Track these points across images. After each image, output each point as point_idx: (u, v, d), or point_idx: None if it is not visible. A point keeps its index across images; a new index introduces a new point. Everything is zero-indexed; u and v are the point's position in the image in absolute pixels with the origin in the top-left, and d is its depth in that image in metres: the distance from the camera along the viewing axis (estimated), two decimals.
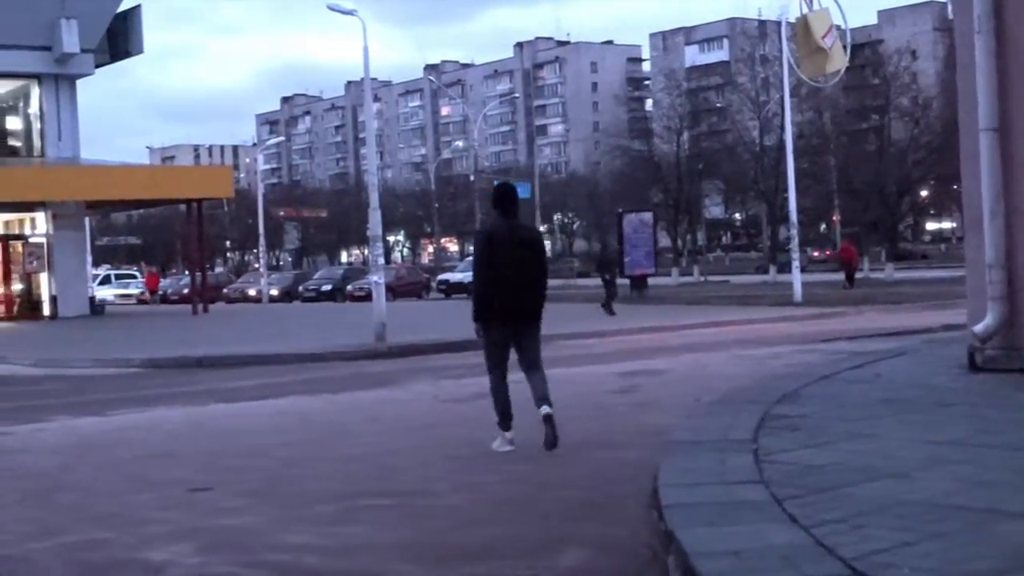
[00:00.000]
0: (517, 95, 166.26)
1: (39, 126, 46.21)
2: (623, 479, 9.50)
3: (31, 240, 45.51)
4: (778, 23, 45.71)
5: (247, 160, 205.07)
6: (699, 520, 6.18)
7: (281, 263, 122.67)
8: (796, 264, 39.45)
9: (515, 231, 10.82)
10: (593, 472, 10.01)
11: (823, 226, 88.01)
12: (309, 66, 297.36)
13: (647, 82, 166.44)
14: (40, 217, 45.54)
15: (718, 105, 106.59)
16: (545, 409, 10.77)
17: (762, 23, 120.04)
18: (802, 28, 36.38)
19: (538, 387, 10.98)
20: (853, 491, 6.81)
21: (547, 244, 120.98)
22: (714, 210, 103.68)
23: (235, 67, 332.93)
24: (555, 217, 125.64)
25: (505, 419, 11.06)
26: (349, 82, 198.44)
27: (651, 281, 46.64)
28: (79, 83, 46.79)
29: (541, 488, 9.43)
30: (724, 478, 7.25)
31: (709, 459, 7.88)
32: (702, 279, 66.60)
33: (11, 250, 44.94)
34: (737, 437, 8.79)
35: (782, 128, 47.02)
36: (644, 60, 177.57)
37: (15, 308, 44.74)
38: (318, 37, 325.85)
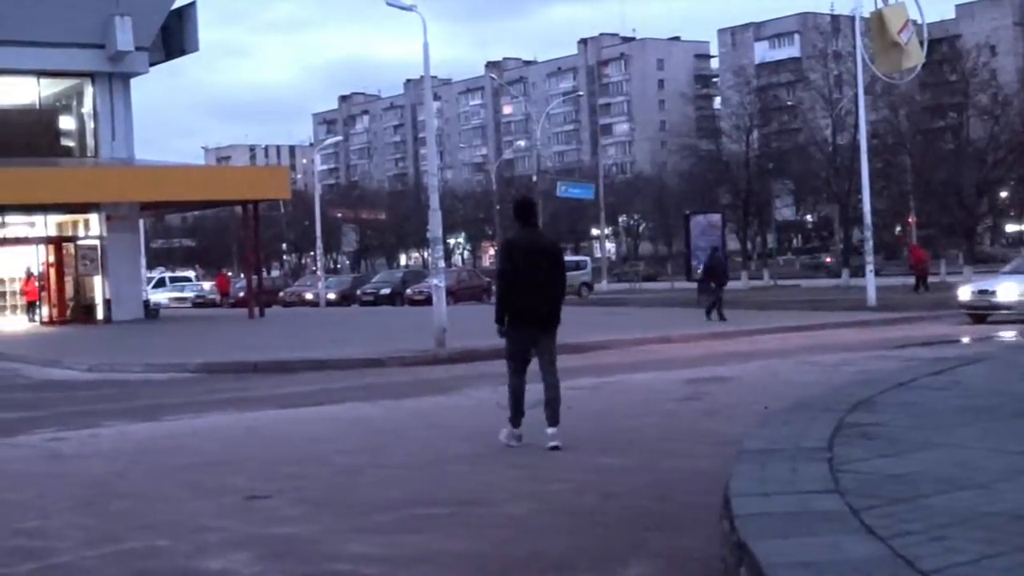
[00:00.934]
0: (581, 93, 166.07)
1: (93, 126, 46.66)
2: (692, 489, 9.47)
3: (84, 242, 45.94)
4: (852, 18, 45.40)
5: (304, 160, 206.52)
6: (773, 531, 6.14)
7: (339, 266, 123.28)
8: (870, 268, 39.17)
9: (535, 241, 11.91)
10: (660, 481, 9.98)
11: (897, 228, 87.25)
12: (367, 64, 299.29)
13: (715, 79, 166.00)
14: (94, 219, 45.96)
15: (789, 103, 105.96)
16: (551, 434, 11.78)
17: (835, 18, 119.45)
18: (877, 23, 36.14)
19: (550, 394, 11.95)
20: (932, 502, 6.73)
21: (611, 247, 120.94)
22: (784, 211, 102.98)
23: (290, 65, 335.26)
24: (620, 219, 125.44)
25: (517, 416, 12.04)
26: (408, 80, 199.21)
27: None
28: (133, 82, 47.24)
29: (606, 498, 9.41)
30: (798, 488, 7.19)
31: (782, 468, 7.82)
32: (772, 283, 66.24)
33: (64, 252, 45.39)
34: (811, 445, 8.72)
35: (856, 127, 46.65)
36: (712, 57, 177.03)
37: (68, 311, 45.20)
38: (376, 34, 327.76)
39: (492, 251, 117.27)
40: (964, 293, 31.43)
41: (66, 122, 48.76)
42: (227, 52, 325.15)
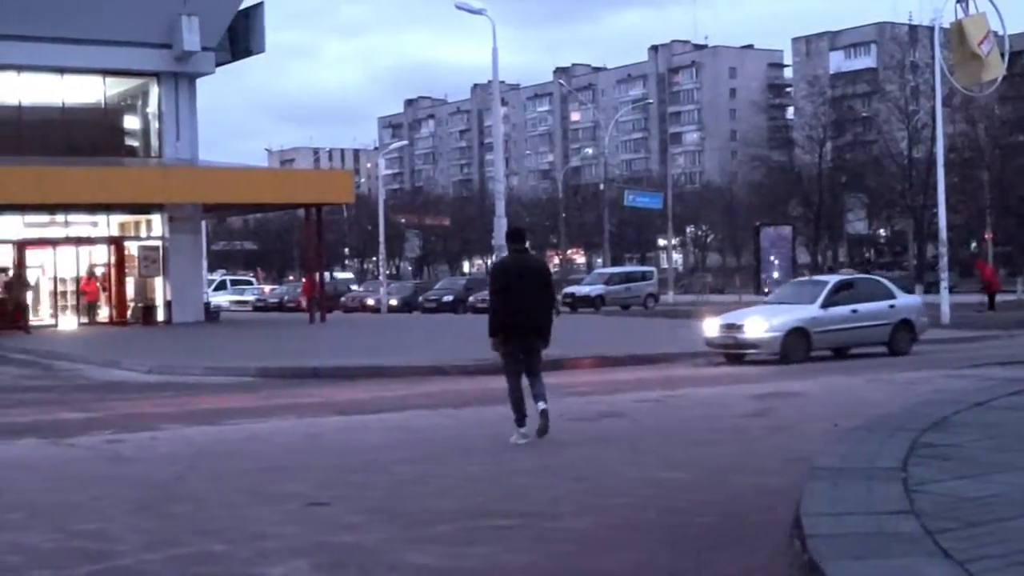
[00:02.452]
0: (651, 101, 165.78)
1: (157, 126, 47.04)
2: (760, 506, 9.40)
3: (146, 243, 46.32)
4: (931, 28, 45.12)
5: (368, 165, 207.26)
6: (846, 552, 6.08)
7: (401, 272, 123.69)
8: (944, 284, 38.79)
9: (524, 263, 13.53)
10: (727, 498, 9.92)
11: (973, 244, 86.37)
12: (434, 68, 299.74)
13: (788, 89, 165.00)
14: (156, 219, 46.33)
15: (864, 114, 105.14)
16: (542, 405, 13.41)
17: (913, 28, 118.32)
18: (957, 34, 35.82)
19: (537, 388, 13.55)
20: (1011, 525, 6.65)
21: (678, 258, 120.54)
22: (857, 225, 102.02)
23: (355, 68, 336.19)
24: (688, 229, 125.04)
25: (520, 418, 13.48)
26: (475, 85, 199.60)
27: None
28: (199, 82, 47.60)
29: (672, 513, 9.36)
30: (872, 508, 7.13)
31: (855, 488, 7.75)
32: None
33: (126, 253, 45.78)
34: (885, 465, 8.64)
35: (932, 140, 46.30)
36: (786, 66, 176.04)
37: (129, 313, 45.60)
38: (443, 38, 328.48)
39: (557, 260, 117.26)
40: (711, 327, 26.90)
41: (131, 122, 49.19)
42: (292, 54, 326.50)
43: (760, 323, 26.02)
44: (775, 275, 45.34)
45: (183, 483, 11.46)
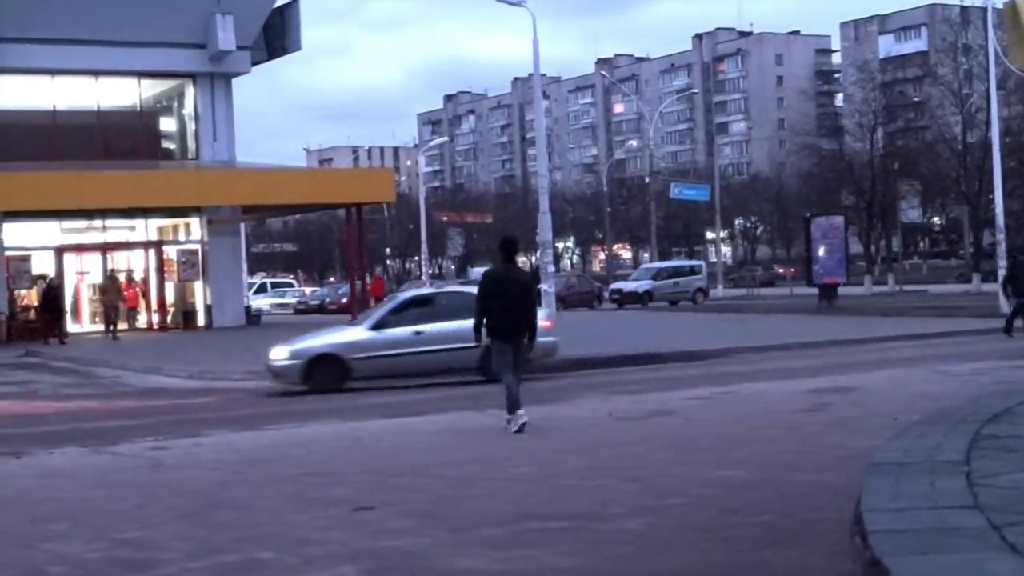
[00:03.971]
0: (696, 91, 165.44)
1: (194, 127, 47.23)
2: (819, 504, 9.33)
3: (185, 247, 46.51)
4: (983, 9, 44.73)
5: (408, 162, 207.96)
6: (909, 548, 6.02)
7: (443, 271, 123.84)
8: (1002, 273, 38.46)
9: (509, 272, 15.50)
10: (784, 496, 9.85)
11: None
12: (473, 62, 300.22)
13: (837, 75, 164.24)
14: (195, 222, 46.52)
15: (916, 99, 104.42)
16: (519, 416, 14.88)
17: (964, 9, 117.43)
18: (1011, 13, 35.40)
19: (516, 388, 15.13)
20: None
21: (727, 251, 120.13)
22: (911, 213, 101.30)
23: (392, 64, 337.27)
24: (736, 222, 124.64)
25: (513, 406, 14.97)
26: (516, 79, 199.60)
27: (842, 290, 45.97)
28: (235, 82, 47.75)
29: (727, 513, 9.30)
30: (934, 502, 7.06)
31: (917, 482, 7.68)
32: (897, 288, 65.40)
33: (165, 257, 45.95)
34: (947, 459, 8.56)
35: (987, 124, 45.85)
36: (834, 51, 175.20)
37: (169, 317, 45.79)
38: (480, 31, 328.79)
39: (603, 256, 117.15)
40: (278, 353, 23.22)
41: (167, 124, 49.40)
42: (326, 52, 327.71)
43: (282, 349, 23.13)
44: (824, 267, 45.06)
45: (227, 490, 11.49)
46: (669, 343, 29.06)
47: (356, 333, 23.43)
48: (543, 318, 22.73)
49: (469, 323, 22.13)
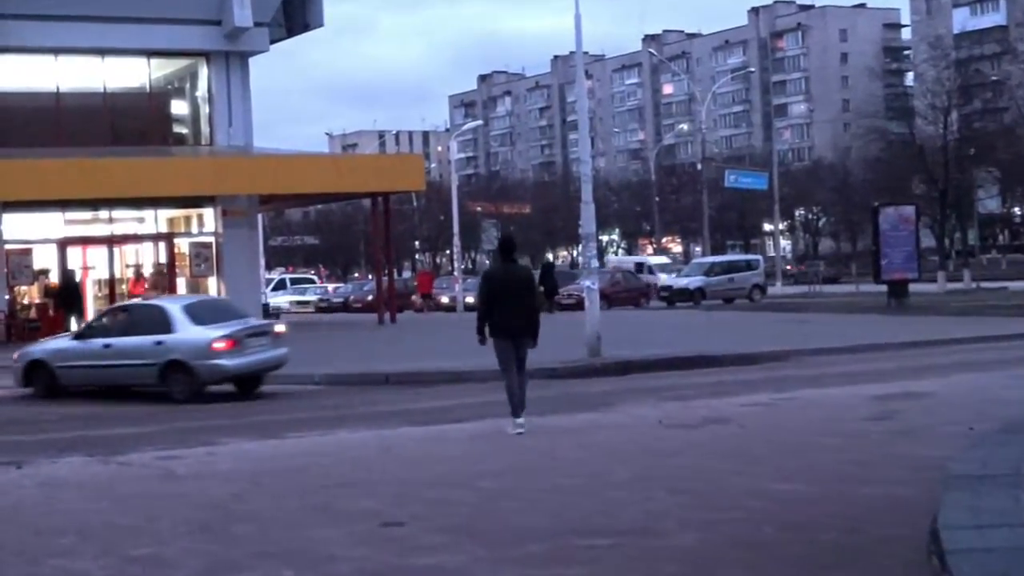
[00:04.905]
0: (752, 69, 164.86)
1: (207, 110, 47.28)
2: (887, 520, 9.31)
3: (198, 240, 46.58)
4: None
5: (439, 148, 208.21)
6: (992, 569, 6.01)
7: (477, 266, 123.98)
8: None
9: (509, 272, 16.60)
10: (849, 511, 9.84)
11: None
12: (508, 40, 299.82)
13: (907, 52, 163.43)
14: (208, 213, 46.56)
15: (993, 78, 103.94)
16: (519, 425, 15.85)
17: None
18: None
19: (521, 383, 16.27)
20: None
21: (786, 244, 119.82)
22: (988, 203, 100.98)
23: (421, 42, 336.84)
24: (796, 212, 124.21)
25: (516, 408, 16.02)
26: (556, 57, 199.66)
27: (913, 287, 45.74)
28: (251, 62, 47.80)
29: (788, 529, 9.30)
30: (1019, 519, 7.03)
31: (999, 497, 7.65)
32: (973, 285, 65.06)
33: (176, 251, 46.02)
34: None
35: None
36: (903, 26, 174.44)
37: None
38: (518, 5, 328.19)
39: (651, 249, 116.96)
40: (17, 354, 25.52)
41: (179, 107, 49.49)
42: (350, 29, 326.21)
43: (20, 351, 25.20)
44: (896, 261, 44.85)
45: (244, 502, 11.55)
46: (723, 344, 28.99)
47: (63, 341, 25.06)
48: (277, 326, 25.57)
49: (146, 340, 23.41)
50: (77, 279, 43.00)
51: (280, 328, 25.46)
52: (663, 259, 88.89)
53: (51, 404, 23.07)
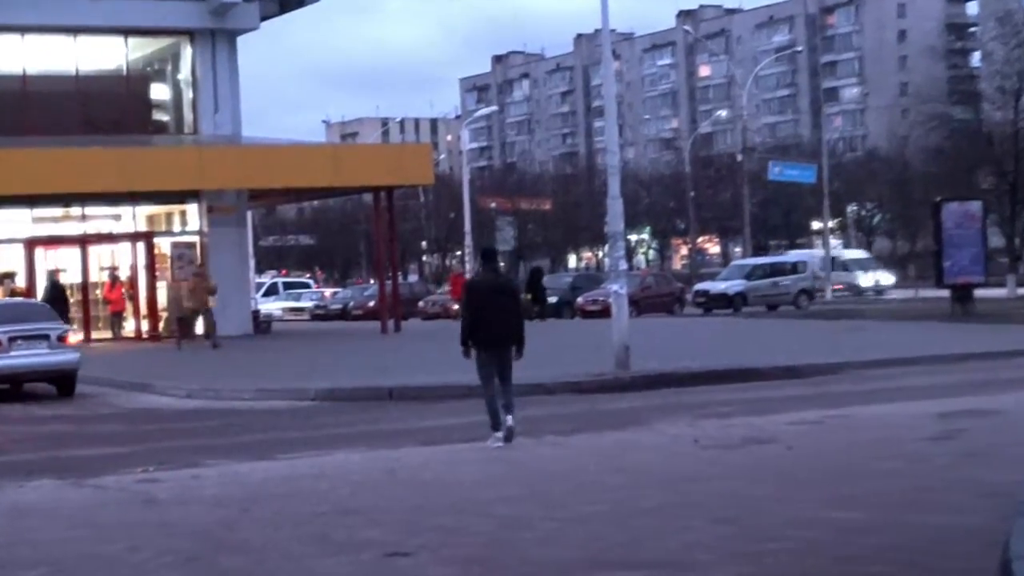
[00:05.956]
0: (799, 49, 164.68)
1: (191, 95, 47.40)
2: (952, 551, 9.33)
3: (181, 239, 46.64)
4: None
5: (449, 137, 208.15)
6: None
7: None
8: None
9: (493, 281, 17.87)
10: (909, 541, 9.86)
11: None
12: (526, 16, 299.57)
13: (973, 29, 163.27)
14: (192, 210, 46.65)
15: None
16: (509, 420, 17.08)
17: None
18: None
19: (507, 396, 17.32)
20: None
21: (838, 243, 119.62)
22: None
23: (428, 19, 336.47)
24: (848, 209, 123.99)
25: (496, 422, 17.07)
26: (579, 35, 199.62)
27: (979, 292, 45.67)
28: (240, 41, 47.84)
29: (840, 562, 9.32)
30: None
31: None
32: None
33: (156, 251, 46.00)
34: None
35: None
36: (969, 0, 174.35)
37: (161, 324, 45.88)
38: None
39: (684, 251, 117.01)
40: None
41: (159, 91, 49.63)
42: (346, 8, 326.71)
43: None
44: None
45: (234, 531, 11.60)
46: (766, 356, 29.00)
47: None
48: (67, 333, 28.30)
49: None
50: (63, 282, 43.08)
51: (71, 335, 28.86)
52: (858, 253, 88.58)
53: (12, 423, 23.18)
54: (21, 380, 27.56)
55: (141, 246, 45.81)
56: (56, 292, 39.63)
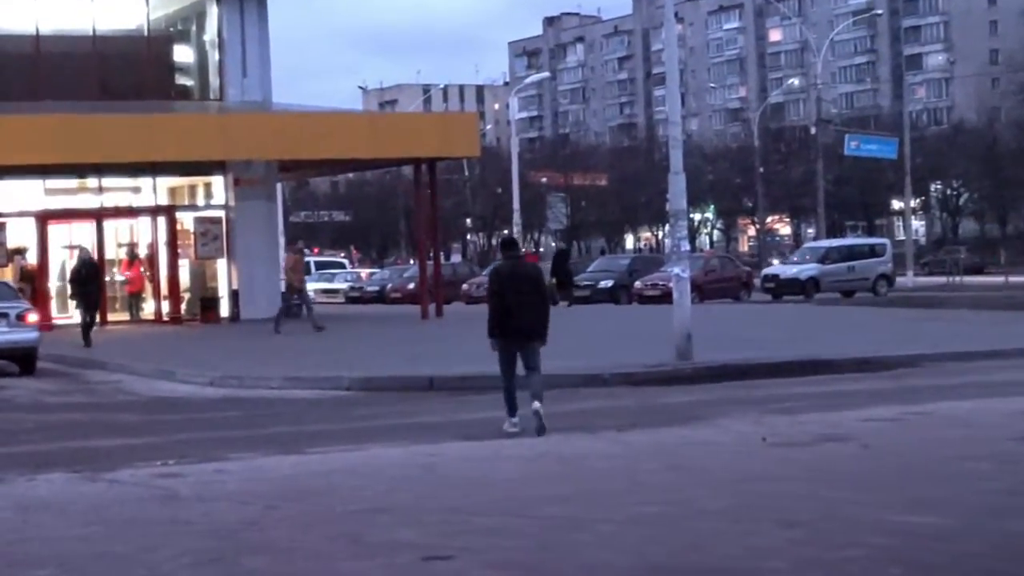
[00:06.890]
0: (879, 12, 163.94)
1: (217, 58, 47.39)
2: None
3: (205, 214, 46.69)
4: None
5: (496, 106, 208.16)
6: None
7: (542, 249, 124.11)
8: None
9: (516, 268, 18.48)
10: (998, 549, 9.82)
11: None
12: None
13: None
14: (218, 182, 46.68)
15: None
16: (536, 405, 17.57)
17: None
18: None
19: (534, 386, 17.91)
20: None
21: (919, 226, 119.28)
22: None
23: None
24: (932, 187, 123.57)
25: (512, 409, 17.92)
26: None
27: None
28: (270, 1, 47.83)
29: (920, 570, 9.31)
30: None
31: None
32: None
33: (179, 227, 46.03)
34: None
35: None
36: None
37: (183, 306, 45.96)
38: None
39: (753, 231, 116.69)
40: None
41: (182, 54, 49.71)
42: None
43: None
44: None
45: (259, 529, 11.62)
46: (841, 347, 28.89)
47: None
48: (28, 312, 30.20)
49: None
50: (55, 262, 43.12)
51: (32, 315, 30.41)
52: None
53: (23, 410, 23.28)
54: (27, 355, 29.77)
55: (162, 221, 45.84)
56: (90, 270, 38.15)
